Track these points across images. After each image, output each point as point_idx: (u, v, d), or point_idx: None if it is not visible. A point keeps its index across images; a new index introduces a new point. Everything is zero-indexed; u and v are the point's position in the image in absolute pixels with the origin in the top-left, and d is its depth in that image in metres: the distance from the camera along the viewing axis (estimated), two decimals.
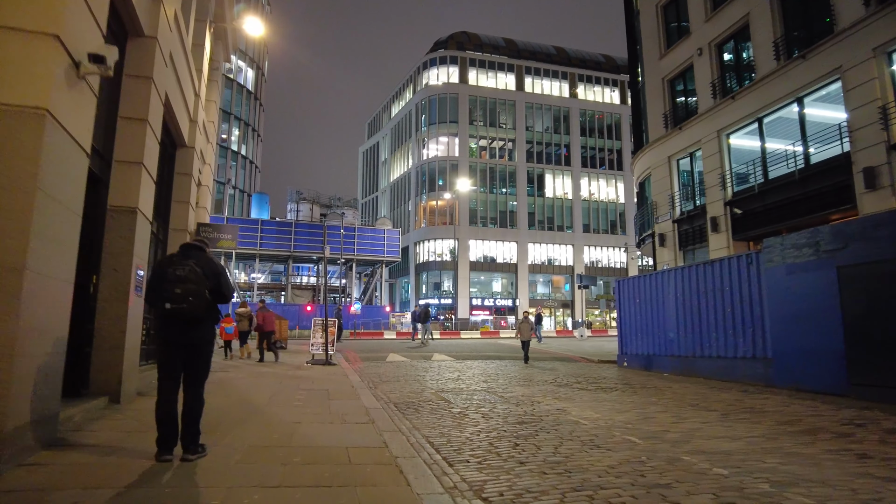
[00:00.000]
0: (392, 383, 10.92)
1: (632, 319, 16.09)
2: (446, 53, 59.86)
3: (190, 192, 11.48)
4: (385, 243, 45.56)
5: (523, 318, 17.67)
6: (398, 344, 26.06)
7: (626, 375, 13.16)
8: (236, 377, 10.60)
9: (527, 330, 16.79)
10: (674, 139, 22.97)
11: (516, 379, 11.86)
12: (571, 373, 13.54)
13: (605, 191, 61.17)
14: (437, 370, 13.63)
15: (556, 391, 9.87)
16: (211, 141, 14.92)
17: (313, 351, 14.26)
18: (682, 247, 22.80)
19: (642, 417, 7.15)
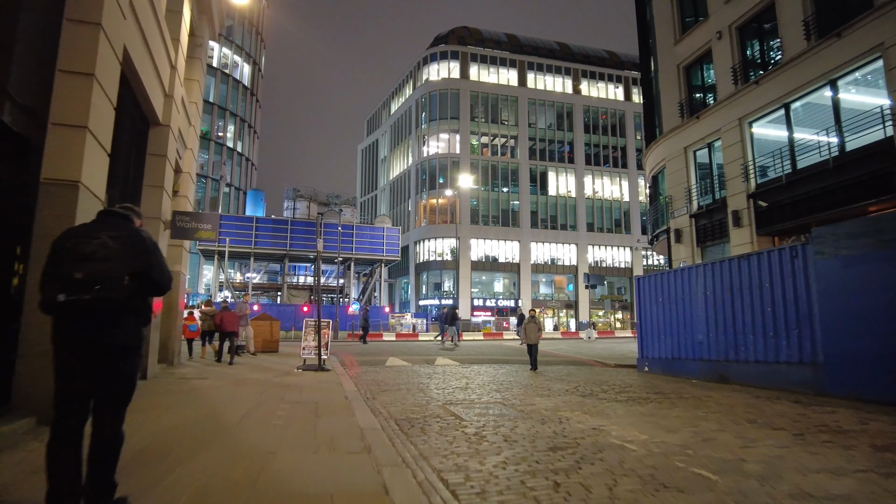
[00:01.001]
0: (392, 393, 9.58)
1: (654, 320, 14.75)
2: (447, 48, 58.55)
3: (164, 175, 10.15)
4: (384, 242, 44.23)
5: (529, 319, 14.69)
6: (399, 346, 24.72)
7: (653, 382, 11.83)
8: (213, 385, 9.26)
9: (534, 332, 14.32)
10: (690, 129, 21.67)
11: (532, 388, 10.52)
12: (591, 379, 12.21)
13: (610, 189, 59.85)
14: (441, 376, 12.30)
15: (581, 403, 8.54)
16: (194, 124, 13.59)
17: (305, 355, 12.92)
18: (700, 243, 21.47)
19: (700, 439, 5.82)
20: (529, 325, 14.44)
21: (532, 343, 14.25)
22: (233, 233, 39.82)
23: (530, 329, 14.38)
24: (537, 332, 14.37)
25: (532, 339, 14.26)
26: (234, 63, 58.31)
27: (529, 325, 14.44)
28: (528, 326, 14.44)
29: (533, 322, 14.54)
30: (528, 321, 14.55)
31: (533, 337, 14.27)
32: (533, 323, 14.51)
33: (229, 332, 13.44)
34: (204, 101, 53.97)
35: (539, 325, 14.80)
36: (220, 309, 14.07)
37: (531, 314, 14.83)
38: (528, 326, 14.43)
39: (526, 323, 14.55)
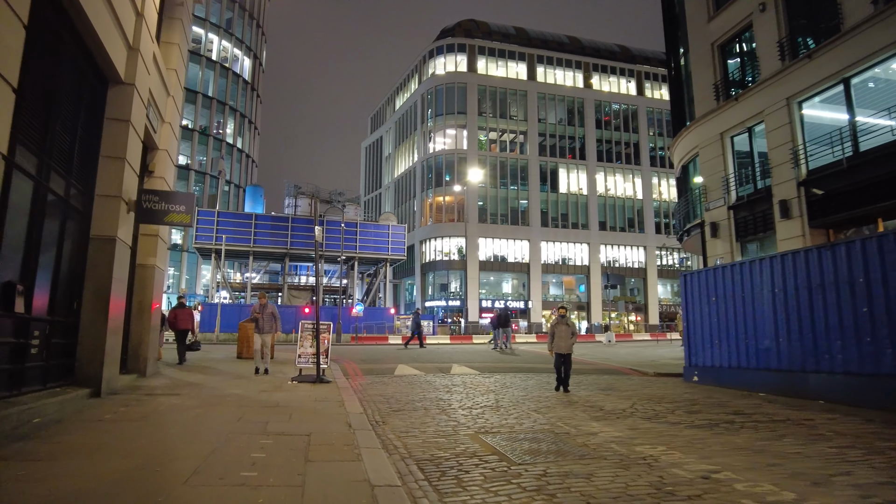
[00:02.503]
0: (407, 414, 7.64)
1: (705, 323, 12.79)
2: (454, 41, 56.64)
3: (127, 146, 8.24)
4: (389, 240, 42.29)
5: (557, 319, 10.72)
6: (405, 351, 22.77)
7: (716, 397, 9.84)
8: (181, 406, 7.32)
9: (566, 337, 10.44)
10: (728, 112, 19.67)
11: (579, 406, 8.56)
12: (640, 394, 10.24)
13: (623, 186, 57.76)
14: (463, 390, 10.35)
15: (654, 430, 6.59)
16: (173, 94, 11.69)
17: (301, 364, 10.98)
18: (739, 237, 19.45)
19: (859, 495, 3.87)
20: (559, 329, 10.50)
21: (563, 352, 10.27)
22: (230, 230, 37.97)
23: (561, 333, 10.46)
24: (570, 338, 10.44)
25: (564, 348, 10.30)
26: (234, 56, 56.56)
27: (559, 329, 10.50)
28: (556, 329, 10.51)
29: (563, 324, 10.56)
30: (557, 322, 10.65)
31: (564, 344, 10.33)
32: (564, 325, 10.55)
33: (182, 329, 13.48)
34: (203, 96, 52.39)
35: (573, 329, 10.66)
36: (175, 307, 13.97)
37: (561, 313, 10.75)
38: (558, 329, 10.49)
39: (554, 325, 10.64)
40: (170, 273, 50.15)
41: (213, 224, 37.40)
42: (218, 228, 37.25)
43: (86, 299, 7.67)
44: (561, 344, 10.44)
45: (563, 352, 10.36)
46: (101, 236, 7.93)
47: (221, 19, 55.12)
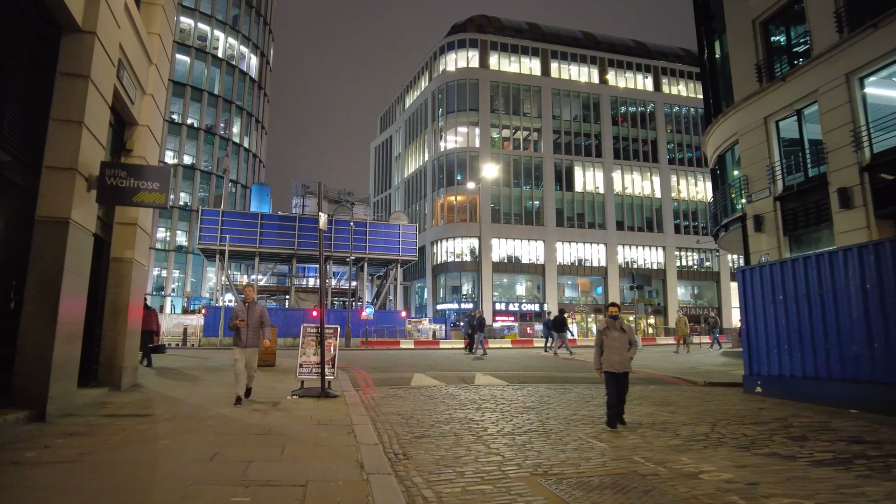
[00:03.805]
0: (434, 443, 5.97)
1: (769, 325, 11.01)
2: (465, 36, 55.04)
3: (86, 107, 6.66)
4: (400, 240, 40.64)
5: (607, 324, 7.37)
6: (420, 356, 21.11)
7: (807, 416, 8.05)
8: (145, 434, 5.70)
9: (621, 348, 7.16)
10: (773, 94, 17.88)
11: (647, 432, 6.84)
12: (707, 410, 8.50)
13: (640, 185, 55.79)
14: (495, 406, 8.66)
15: (768, 468, 4.87)
16: (156, 63, 10.12)
17: (303, 376, 9.33)
18: (788, 231, 17.64)
19: None
20: (611, 336, 7.23)
21: (617, 370, 7.09)
22: (236, 230, 36.51)
23: (613, 343, 7.19)
24: (627, 349, 7.21)
25: (618, 364, 7.10)
26: (241, 54, 55.35)
27: (611, 336, 7.23)
28: (607, 337, 7.26)
29: (616, 328, 7.28)
30: (608, 326, 7.32)
31: (619, 359, 7.11)
32: (617, 331, 7.26)
33: (146, 331, 12.56)
34: (208, 94, 51.19)
35: (631, 336, 7.36)
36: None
37: (612, 312, 7.45)
38: (609, 337, 7.24)
39: (602, 331, 7.35)
40: (175, 276, 48.93)
41: (217, 224, 35.97)
42: (222, 228, 35.82)
43: (28, 297, 6.08)
44: (614, 358, 7.10)
45: (616, 369, 7.06)
46: (49, 218, 6.35)
47: (228, 16, 53.96)
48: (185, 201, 49.58)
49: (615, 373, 7.13)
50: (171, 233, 48.46)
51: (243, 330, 8.04)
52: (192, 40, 50.71)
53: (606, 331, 7.34)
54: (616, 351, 7.20)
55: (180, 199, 49.05)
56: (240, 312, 8.14)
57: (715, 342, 27.69)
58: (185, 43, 50.12)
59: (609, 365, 7.20)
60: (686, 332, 23.87)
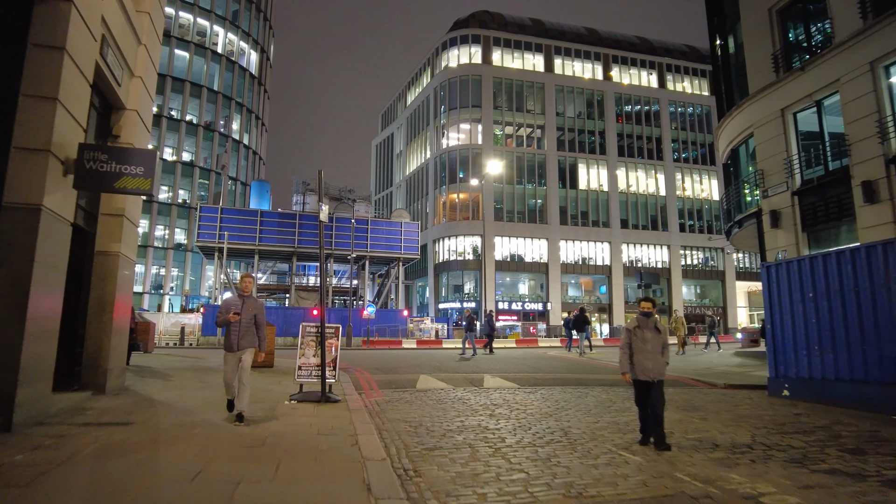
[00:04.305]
0: (448, 456, 5.32)
1: (798, 325, 10.35)
2: (468, 32, 54.31)
3: (61, 83, 6.01)
4: (402, 238, 39.98)
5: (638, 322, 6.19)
6: (424, 357, 20.46)
7: (850, 423, 7.38)
8: (121, 446, 5.05)
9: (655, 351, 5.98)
10: (791, 84, 17.21)
11: (680, 440, 6.18)
12: (739, 415, 7.84)
13: (645, 182, 55.05)
14: (509, 412, 8.00)
15: (838, 490, 4.21)
16: (146, 43, 9.45)
17: (301, 379, 8.67)
18: (807, 226, 16.97)
19: None
20: (641, 337, 6.05)
21: (649, 378, 5.94)
22: (235, 228, 35.86)
23: (644, 346, 6.01)
24: (661, 353, 6.02)
25: (652, 370, 5.93)
26: (241, 50, 54.68)
27: (641, 337, 6.05)
28: (636, 338, 6.08)
29: (649, 328, 6.07)
30: (638, 325, 6.13)
31: (652, 364, 5.95)
32: (650, 330, 6.05)
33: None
34: (208, 90, 50.54)
35: (665, 338, 6.10)
36: None
37: (645, 308, 6.21)
38: (638, 338, 6.06)
39: (631, 331, 6.14)
40: (174, 274, 48.29)
41: (216, 221, 35.34)
42: (221, 226, 35.19)
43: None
44: (646, 363, 5.91)
45: (648, 377, 5.89)
46: (19, 204, 5.70)
47: (227, 11, 53.31)
48: (183, 199, 48.94)
49: (645, 381, 5.96)
50: (169, 231, 47.82)
51: (234, 328, 6.42)
52: (191, 35, 50.07)
53: (637, 330, 6.08)
54: (648, 355, 5.98)
55: (179, 197, 48.43)
56: (232, 304, 6.53)
57: (713, 342, 26.72)
58: (185, 38, 49.49)
59: (642, 371, 5.98)
60: (684, 333, 22.90)
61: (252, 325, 6.56)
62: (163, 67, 47.64)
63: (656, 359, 6.00)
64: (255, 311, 6.62)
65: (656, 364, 6.00)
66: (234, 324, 6.42)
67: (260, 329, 6.63)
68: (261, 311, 6.71)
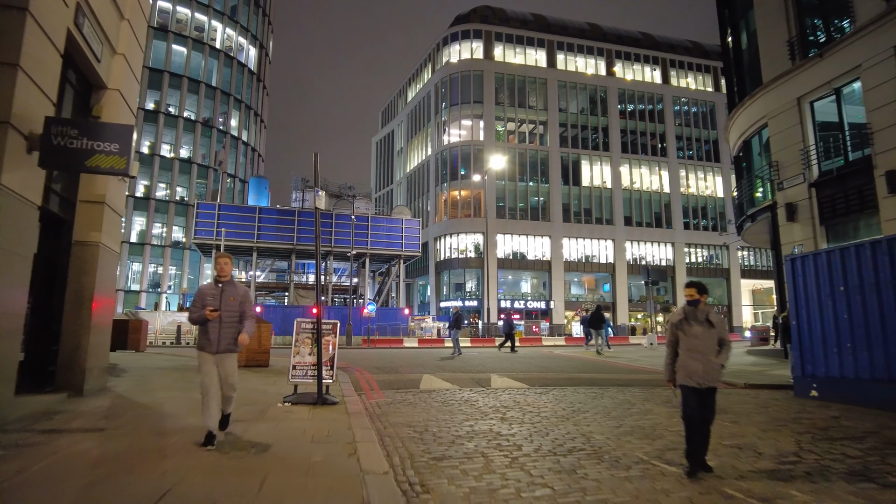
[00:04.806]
0: (459, 468, 4.66)
1: (827, 321, 9.68)
2: (469, 27, 53.61)
3: (22, 47, 5.36)
4: (403, 235, 39.32)
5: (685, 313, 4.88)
6: (425, 355, 19.82)
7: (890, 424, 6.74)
8: (83, 459, 4.40)
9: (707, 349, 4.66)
10: (808, 72, 16.56)
11: (720, 445, 5.51)
12: (772, 419, 7.19)
13: (649, 179, 54.35)
14: (521, 415, 7.35)
15: None
16: (130, 18, 8.78)
17: (296, 379, 8.01)
18: (825, 220, 16.31)
19: None
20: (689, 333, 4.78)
21: (701, 384, 4.64)
22: (232, 225, 35.20)
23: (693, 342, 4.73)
24: (717, 353, 4.70)
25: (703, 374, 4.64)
26: (240, 46, 54.00)
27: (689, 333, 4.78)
28: (684, 332, 4.82)
29: (699, 321, 4.77)
30: (685, 317, 4.86)
31: (702, 366, 4.64)
32: (700, 324, 4.75)
33: None
34: (206, 86, 49.85)
35: (722, 333, 4.77)
36: None
37: (690, 295, 4.92)
38: (687, 334, 4.80)
39: (677, 324, 4.90)
40: (171, 272, 47.64)
41: (213, 218, 34.68)
42: (219, 223, 34.53)
43: None
44: (694, 366, 4.65)
45: (699, 383, 4.63)
46: None
47: (226, 6, 52.63)
48: (181, 196, 48.29)
49: (696, 387, 4.63)
50: (167, 228, 47.17)
51: (213, 326, 5.15)
52: (189, 30, 49.39)
53: (684, 324, 4.81)
54: (698, 355, 4.66)
55: (177, 194, 47.78)
56: (208, 296, 5.26)
57: None
58: (182, 33, 48.83)
59: (688, 375, 4.67)
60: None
61: (236, 320, 5.30)
62: (160, 62, 47.02)
63: (709, 360, 4.64)
64: (238, 300, 5.34)
65: (707, 366, 4.63)
66: (214, 320, 5.18)
67: (247, 321, 5.36)
68: (246, 300, 5.44)
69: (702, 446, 4.62)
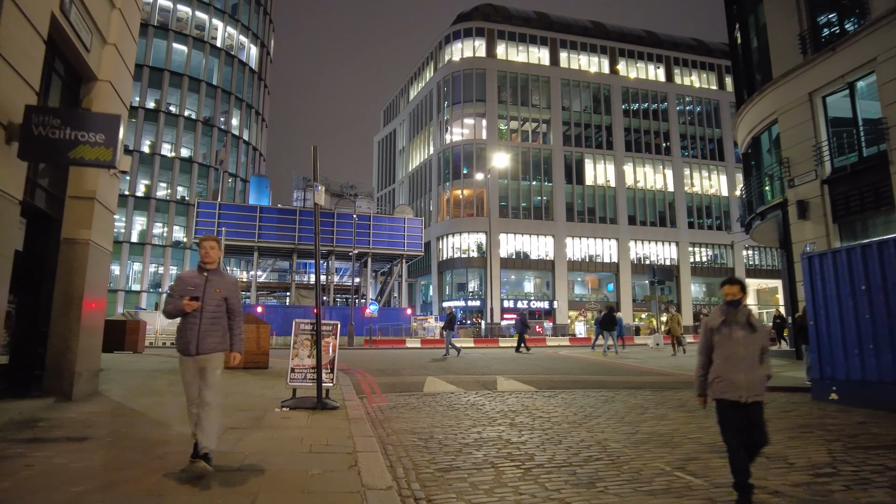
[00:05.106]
0: (469, 480, 4.31)
1: (847, 321, 9.30)
2: (471, 25, 53.26)
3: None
4: (405, 234, 38.97)
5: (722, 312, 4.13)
6: (427, 356, 19.48)
7: None
8: (64, 469, 4.06)
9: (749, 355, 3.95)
10: (820, 66, 16.17)
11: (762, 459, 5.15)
12: (794, 425, 6.83)
13: (653, 178, 53.93)
14: (531, 421, 6.99)
15: None
16: (121, 7, 8.45)
17: (294, 383, 7.66)
18: (838, 217, 15.92)
19: None
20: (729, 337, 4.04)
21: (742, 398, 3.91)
22: (233, 224, 34.89)
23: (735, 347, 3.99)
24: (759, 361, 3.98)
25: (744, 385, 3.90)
26: (241, 44, 53.72)
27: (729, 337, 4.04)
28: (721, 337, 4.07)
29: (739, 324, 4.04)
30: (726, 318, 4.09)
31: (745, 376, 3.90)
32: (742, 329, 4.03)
33: None
34: (207, 84, 49.55)
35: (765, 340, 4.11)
36: None
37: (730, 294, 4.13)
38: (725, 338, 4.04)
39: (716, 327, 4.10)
40: (172, 273, 47.34)
41: (214, 217, 34.37)
42: (219, 222, 34.22)
43: None
44: (736, 376, 3.93)
45: (741, 396, 3.92)
46: None
47: (226, 4, 52.34)
48: (182, 195, 48.00)
49: (738, 401, 3.90)
50: (168, 228, 46.90)
51: (193, 320, 4.28)
52: (189, 29, 49.12)
53: (723, 328, 4.06)
54: (739, 363, 3.92)
55: (178, 194, 47.51)
56: (189, 285, 4.37)
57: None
58: (183, 32, 48.56)
59: (726, 387, 3.93)
60: (680, 333, 21.32)
61: (221, 315, 4.40)
62: (160, 61, 46.74)
63: (752, 369, 3.92)
64: (225, 292, 4.43)
65: (751, 377, 3.90)
66: (193, 314, 4.28)
67: (234, 320, 4.49)
68: (234, 292, 4.53)
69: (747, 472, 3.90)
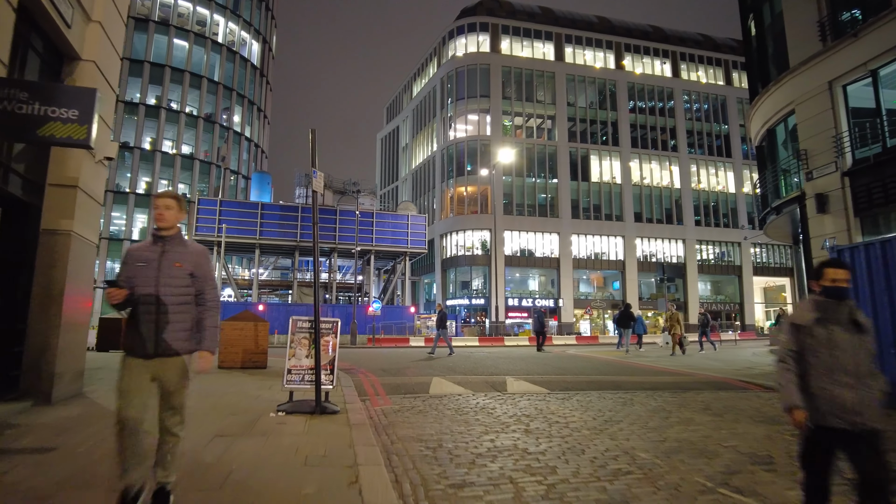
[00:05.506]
0: (486, 499, 3.75)
1: (885, 318, 8.71)
2: (475, 20, 52.61)
3: None
4: (409, 231, 38.42)
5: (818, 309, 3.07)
6: (434, 356, 18.91)
7: None
8: (18, 486, 3.52)
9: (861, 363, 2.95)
10: (841, 54, 15.53)
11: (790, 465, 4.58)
12: None
13: (659, 175, 53.22)
14: (547, 426, 6.43)
15: None
16: None
17: (291, 385, 7.12)
18: (860, 211, 15.27)
19: None
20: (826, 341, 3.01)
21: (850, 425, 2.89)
22: (234, 221, 34.42)
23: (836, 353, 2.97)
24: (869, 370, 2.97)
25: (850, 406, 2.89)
26: (242, 40, 53.20)
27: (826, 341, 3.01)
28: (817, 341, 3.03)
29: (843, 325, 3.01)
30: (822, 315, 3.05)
31: (849, 396, 2.90)
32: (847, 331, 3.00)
33: None
34: (208, 80, 49.05)
35: (867, 339, 3.01)
36: None
37: (839, 279, 3.04)
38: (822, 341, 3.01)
39: (808, 326, 3.07)
40: None
41: (215, 214, 33.93)
42: (220, 219, 33.76)
43: None
44: (841, 393, 2.93)
45: (843, 422, 2.91)
46: None
47: (228, 0, 51.83)
48: (183, 192, 47.52)
49: (844, 431, 2.92)
50: None
51: (145, 308, 3.14)
52: (190, 24, 48.63)
53: (817, 328, 3.06)
54: (846, 377, 2.94)
55: (179, 190, 47.02)
56: (139, 260, 3.21)
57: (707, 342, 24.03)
58: (184, 27, 48.06)
59: (828, 409, 2.95)
60: (681, 333, 20.44)
61: (188, 301, 3.27)
62: (161, 57, 46.27)
63: (862, 383, 2.93)
64: (189, 266, 3.28)
65: (862, 394, 2.92)
66: (146, 299, 3.12)
67: (205, 305, 3.34)
68: (202, 265, 3.36)
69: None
